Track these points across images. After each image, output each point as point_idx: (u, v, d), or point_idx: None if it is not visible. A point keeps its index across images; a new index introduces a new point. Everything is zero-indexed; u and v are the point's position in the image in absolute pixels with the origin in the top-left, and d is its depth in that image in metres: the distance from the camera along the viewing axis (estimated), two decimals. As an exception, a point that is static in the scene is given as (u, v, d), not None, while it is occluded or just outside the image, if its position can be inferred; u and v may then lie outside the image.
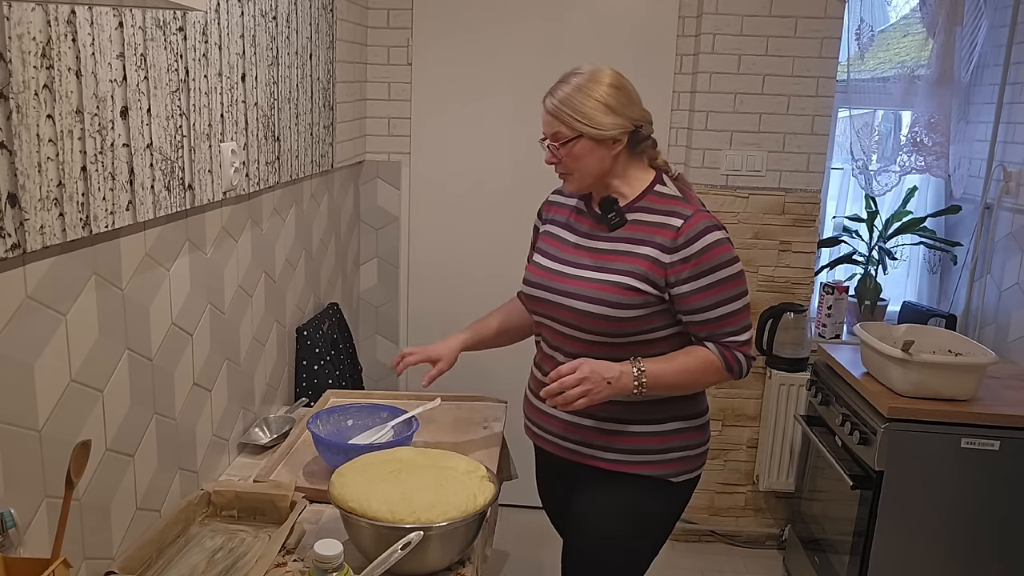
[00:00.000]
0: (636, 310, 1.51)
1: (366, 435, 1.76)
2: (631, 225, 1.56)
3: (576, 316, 1.55)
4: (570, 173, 1.57)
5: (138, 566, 1.30)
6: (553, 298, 1.59)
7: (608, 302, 1.51)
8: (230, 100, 1.67)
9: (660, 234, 1.51)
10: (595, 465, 1.62)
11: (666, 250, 1.50)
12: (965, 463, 2.21)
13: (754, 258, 2.87)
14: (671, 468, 1.61)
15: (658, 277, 1.50)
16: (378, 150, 3.00)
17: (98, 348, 1.24)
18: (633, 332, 1.54)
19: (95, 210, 1.19)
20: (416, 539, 1.26)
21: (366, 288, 3.11)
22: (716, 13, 2.70)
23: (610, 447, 1.60)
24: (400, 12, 2.88)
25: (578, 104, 1.50)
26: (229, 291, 1.74)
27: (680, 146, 2.92)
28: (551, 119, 1.53)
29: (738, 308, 1.53)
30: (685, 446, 1.63)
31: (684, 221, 1.50)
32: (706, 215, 1.53)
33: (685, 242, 1.49)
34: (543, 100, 1.55)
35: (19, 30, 1.01)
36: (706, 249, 1.49)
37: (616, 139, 1.53)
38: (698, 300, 1.50)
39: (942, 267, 3.10)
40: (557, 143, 1.53)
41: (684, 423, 1.62)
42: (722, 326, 1.52)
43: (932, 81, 2.87)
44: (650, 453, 1.60)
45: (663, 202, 1.56)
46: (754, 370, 2.95)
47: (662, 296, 1.52)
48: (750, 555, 3.02)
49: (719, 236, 1.51)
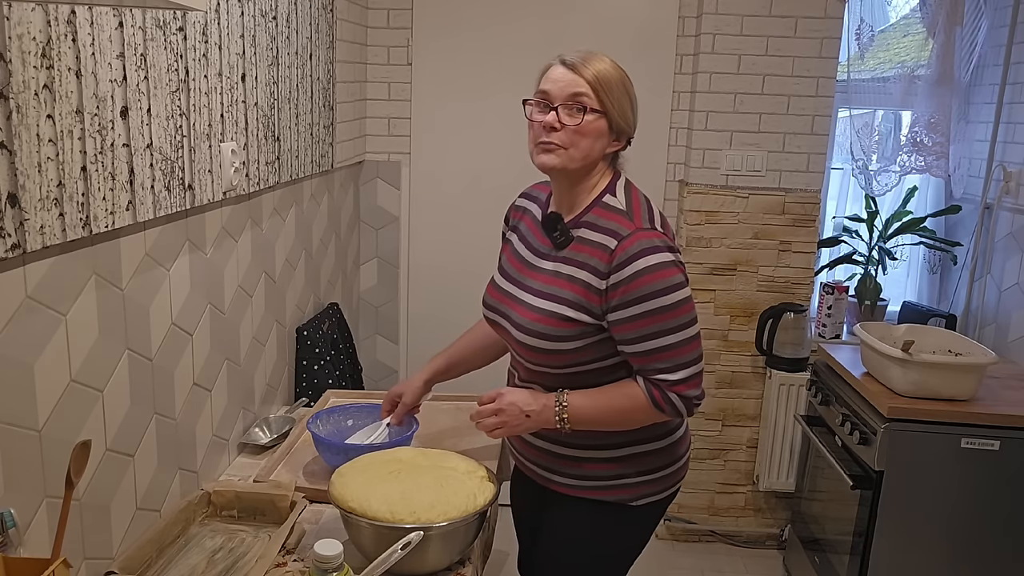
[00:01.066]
0: (572, 342, 1.41)
1: (360, 434, 1.76)
2: (576, 244, 1.43)
3: (518, 346, 1.48)
4: (563, 147, 1.39)
5: (138, 566, 1.30)
6: (502, 323, 1.53)
7: (543, 334, 1.42)
8: (230, 100, 1.67)
9: (596, 256, 1.38)
10: (549, 488, 1.57)
11: (600, 275, 1.37)
12: (965, 463, 2.21)
13: (754, 258, 2.87)
14: (628, 493, 1.51)
15: (594, 305, 1.38)
16: (378, 150, 3.00)
17: (98, 348, 1.24)
18: (574, 363, 1.44)
19: (95, 210, 1.19)
20: (416, 539, 1.26)
21: (366, 288, 3.11)
22: (716, 13, 2.70)
23: (563, 471, 1.53)
24: (400, 12, 2.88)
25: (613, 85, 1.39)
26: (229, 291, 1.74)
27: (680, 146, 2.92)
28: (577, 79, 1.37)
29: (673, 343, 1.37)
30: (644, 471, 1.51)
31: (618, 243, 1.36)
32: (645, 235, 1.36)
33: (616, 266, 1.35)
34: (559, 60, 1.41)
35: (19, 30, 1.01)
36: (637, 275, 1.33)
37: (619, 137, 1.44)
38: (627, 331, 1.37)
39: (942, 267, 3.10)
40: (583, 106, 1.37)
41: (643, 447, 1.50)
42: (651, 361, 1.38)
43: (932, 81, 2.87)
44: (602, 479, 1.50)
45: (606, 217, 1.41)
46: (754, 370, 2.95)
47: (600, 324, 1.40)
48: (750, 555, 3.02)
49: (655, 260, 1.34)
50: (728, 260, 2.87)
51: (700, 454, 3.04)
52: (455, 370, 1.77)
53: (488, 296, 1.59)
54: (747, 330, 2.92)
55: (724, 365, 2.96)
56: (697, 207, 2.84)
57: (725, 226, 2.85)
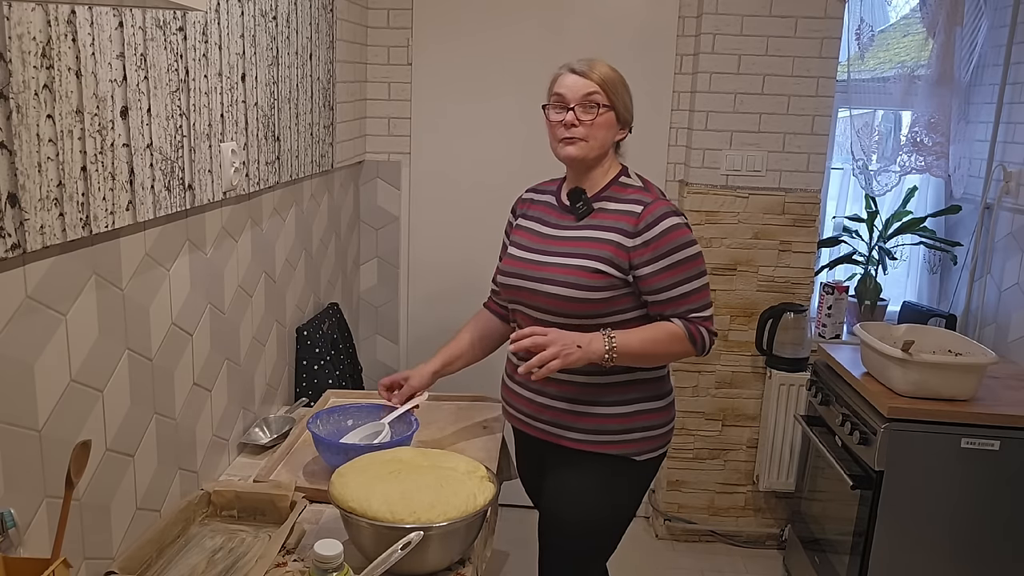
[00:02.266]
0: (603, 292, 1.62)
1: (360, 433, 1.76)
2: (597, 213, 1.68)
3: (548, 300, 1.65)
4: (584, 140, 1.65)
5: (138, 566, 1.30)
6: (527, 284, 1.69)
7: (577, 285, 1.62)
8: (230, 100, 1.67)
9: (623, 220, 1.64)
10: (562, 444, 1.71)
11: (628, 235, 1.62)
12: (965, 463, 2.21)
13: (754, 258, 2.87)
14: (634, 447, 1.70)
15: (622, 261, 1.62)
16: (378, 150, 3.00)
17: (98, 348, 1.24)
18: (601, 314, 1.64)
19: (95, 210, 1.19)
20: (416, 539, 1.27)
21: (366, 288, 3.11)
22: (716, 13, 2.70)
23: (576, 427, 1.69)
24: (400, 12, 2.88)
25: (616, 83, 1.66)
26: (229, 291, 1.75)
27: (680, 146, 2.92)
28: (588, 82, 1.63)
29: (698, 287, 1.64)
30: (648, 426, 1.71)
31: (644, 207, 1.63)
32: (664, 202, 1.65)
33: (645, 227, 1.61)
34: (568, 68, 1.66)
35: (19, 30, 1.01)
36: (664, 233, 1.60)
37: (625, 125, 1.71)
38: (659, 280, 1.62)
39: (942, 267, 3.10)
40: (596, 104, 1.63)
41: (648, 404, 1.71)
42: (684, 303, 1.63)
43: (932, 81, 2.87)
44: (614, 433, 1.68)
45: (626, 191, 1.68)
46: (754, 370, 2.95)
47: (626, 279, 1.63)
48: (750, 555, 3.02)
49: (676, 221, 1.62)
50: (728, 260, 2.88)
51: (700, 454, 3.04)
52: (457, 363, 1.89)
53: (509, 266, 1.75)
54: (747, 330, 2.92)
55: (724, 365, 2.96)
56: (697, 207, 2.84)
57: (725, 226, 2.85)
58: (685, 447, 3.03)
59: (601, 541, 1.78)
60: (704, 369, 2.97)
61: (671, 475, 3.05)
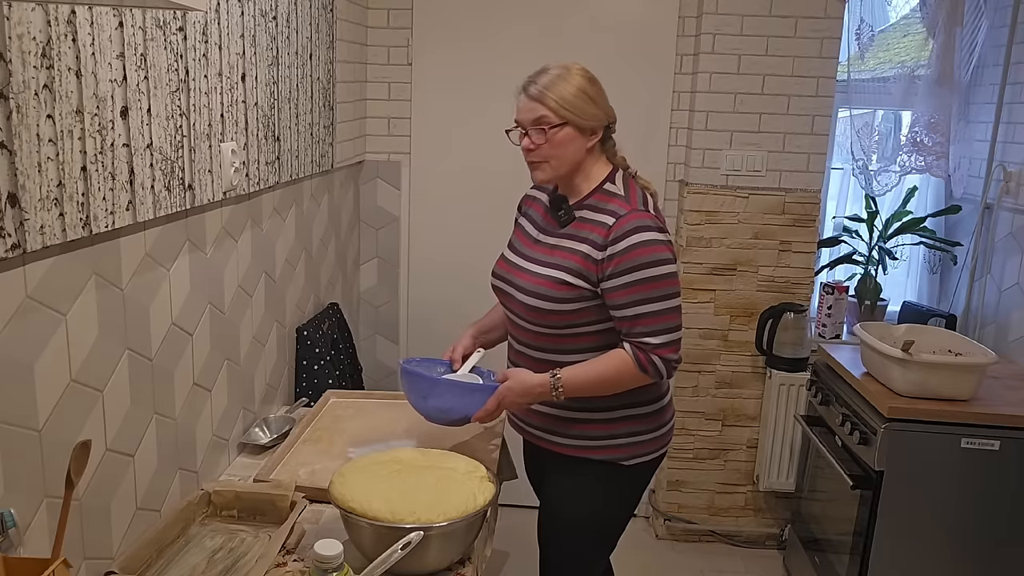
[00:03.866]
0: (570, 304, 1.60)
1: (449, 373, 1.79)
2: (577, 222, 1.64)
3: (521, 308, 1.66)
4: (545, 161, 1.61)
5: (138, 566, 1.30)
6: (508, 290, 1.71)
7: (544, 296, 1.61)
8: (230, 100, 1.67)
9: (596, 232, 1.59)
10: (552, 449, 1.74)
11: (598, 247, 1.57)
12: (965, 463, 2.21)
13: (754, 258, 2.87)
14: (621, 453, 1.69)
15: (591, 272, 1.58)
16: (378, 150, 3.00)
17: (98, 348, 1.24)
18: (570, 324, 1.62)
19: (95, 210, 1.19)
20: (416, 539, 1.27)
21: (366, 288, 3.11)
22: (716, 13, 2.70)
23: (564, 433, 1.71)
24: (400, 12, 2.88)
25: (564, 92, 1.57)
26: (229, 291, 1.75)
27: (680, 146, 2.92)
28: (535, 105, 1.59)
29: (657, 310, 1.55)
30: (634, 432, 1.69)
31: (616, 220, 1.56)
32: (640, 215, 1.56)
33: (612, 240, 1.55)
34: (522, 89, 1.63)
35: (19, 30, 1.01)
36: (630, 248, 1.54)
37: (594, 131, 1.62)
38: (619, 297, 1.56)
39: (942, 267, 3.10)
40: (544, 127, 1.58)
41: (633, 410, 1.69)
42: (637, 325, 1.56)
43: (932, 81, 2.87)
44: (599, 439, 1.69)
45: (606, 200, 1.62)
46: (754, 370, 2.95)
47: (595, 291, 1.59)
48: (750, 555, 3.02)
49: (647, 237, 1.54)
50: (728, 260, 2.87)
51: (700, 454, 3.04)
52: (493, 334, 1.89)
53: (497, 268, 1.78)
54: (747, 330, 2.92)
55: (724, 365, 2.96)
56: (697, 207, 2.84)
57: (725, 226, 2.85)
58: (685, 447, 3.03)
59: (598, 539, 1.79)
60: (704, 369, 2.97)
61: (671, 475, 3.05)
